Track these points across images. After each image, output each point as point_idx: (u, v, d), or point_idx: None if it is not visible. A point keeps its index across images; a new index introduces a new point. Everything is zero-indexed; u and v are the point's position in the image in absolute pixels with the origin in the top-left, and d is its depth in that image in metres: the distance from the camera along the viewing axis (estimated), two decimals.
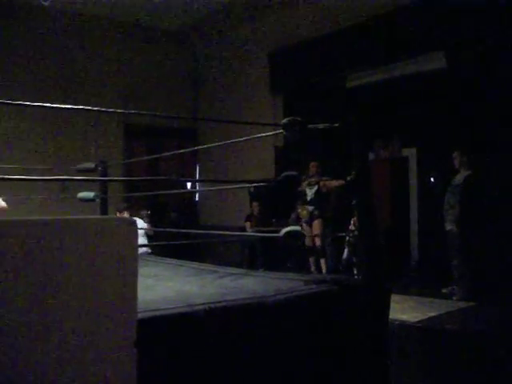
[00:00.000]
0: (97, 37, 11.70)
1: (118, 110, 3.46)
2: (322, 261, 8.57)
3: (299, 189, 8.82)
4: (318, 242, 8.62)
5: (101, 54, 11.74)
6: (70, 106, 3.10)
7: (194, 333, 2.20)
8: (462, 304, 6.61)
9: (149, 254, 7.30)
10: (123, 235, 1.72)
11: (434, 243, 8.09)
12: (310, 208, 8.70)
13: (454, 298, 6.96)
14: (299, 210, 8.97)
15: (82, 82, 11.32)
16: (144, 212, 9.22)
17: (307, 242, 8.69)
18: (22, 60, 10.74)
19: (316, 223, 8.60)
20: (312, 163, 8.74)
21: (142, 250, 7.33)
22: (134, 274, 1.74)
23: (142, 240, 7.74)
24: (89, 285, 1.66)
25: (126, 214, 7.69)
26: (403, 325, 5.37)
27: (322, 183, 8.57)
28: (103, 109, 3.58)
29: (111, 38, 11.88)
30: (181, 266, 3.93)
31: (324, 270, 8.44)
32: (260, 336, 2.40)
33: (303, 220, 8.74)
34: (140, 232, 7.72)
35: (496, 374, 4.60)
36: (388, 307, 2.96)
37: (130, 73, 12.16)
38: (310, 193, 8.74)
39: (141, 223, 8.15)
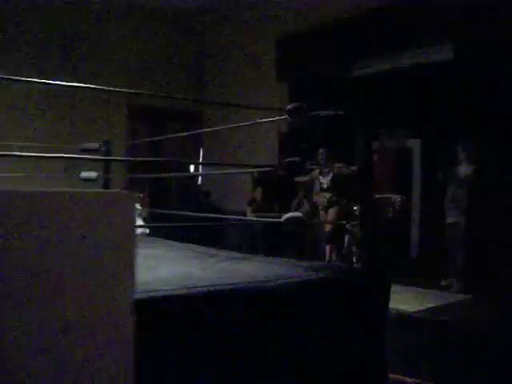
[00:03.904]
0: (103, 15, 11.62)
1: (123, 90, 3.43)
2: (327, 247, 8.55)
3: (308, 178, 8.81)
4: (328, 228, 8.59)
5: (107, 33, 11.66)
6: (73, 84, 3.07)
7: (192, 315, 2.20)
8: (461, 296, 6.66)
9: (147, 235, 7.31)
10: (121, 208, 1.73)
11: (435, 235, 8.09)
12: (328, 195, 8.65)
13: (452, 290, 6.99)
14: (317, 197, 8.91)
15: (88, 60, 11.27)
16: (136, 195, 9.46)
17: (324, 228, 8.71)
18: (27, 36, 10.69)
19: (331, 210, 8.57)
20: (321, 150, 8.64)
21: (138, 231, 7.36)
22: (132, 247, 1.75)
23: (137, 221, 7.81)
24: (86, 257, 1.65)
25: None
26: (401, 314, 5.40)
27: (336, 170, 8.47)
28: (107, 88, 3.56)
29: (118, 17, 11.80)
30: (182, 248, 3.93)
31: (334, 257, 8.42)
32: (258, 321, 2.40)
33: (320, 207, 8.72)
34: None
35: (490, 363, 4.63)
36: (388, 297, 2.96)
37: (136, 53, 12.10)
38: (325, 181, 8.68)
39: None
